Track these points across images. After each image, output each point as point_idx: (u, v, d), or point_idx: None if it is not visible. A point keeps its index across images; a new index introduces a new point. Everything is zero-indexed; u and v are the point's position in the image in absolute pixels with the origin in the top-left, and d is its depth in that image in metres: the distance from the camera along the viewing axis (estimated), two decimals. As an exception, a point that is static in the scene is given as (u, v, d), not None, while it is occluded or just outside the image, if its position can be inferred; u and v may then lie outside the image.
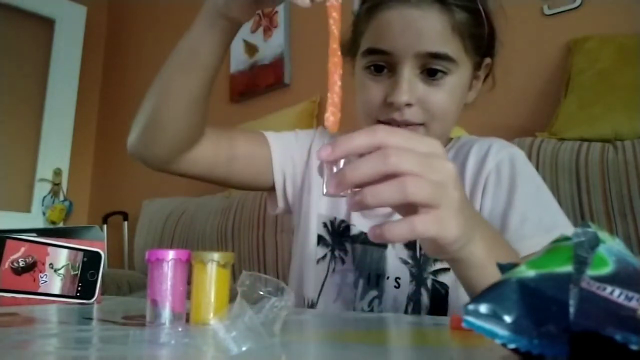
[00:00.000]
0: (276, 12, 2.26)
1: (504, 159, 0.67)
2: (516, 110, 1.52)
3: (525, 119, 1.51)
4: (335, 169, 0.39)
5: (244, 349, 0.27)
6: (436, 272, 0.65)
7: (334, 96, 0.41)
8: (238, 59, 2.39)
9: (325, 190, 0.39)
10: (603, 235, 0.24)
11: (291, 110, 1.93)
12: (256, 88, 2.31)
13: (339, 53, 0.42)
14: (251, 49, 2.35)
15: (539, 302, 0.22)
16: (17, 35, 2.95)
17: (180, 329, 0.39)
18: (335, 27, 0.43)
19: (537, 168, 1.19)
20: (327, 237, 0.74)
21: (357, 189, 0.37)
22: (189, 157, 0.67)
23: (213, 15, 0.56)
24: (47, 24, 3.07)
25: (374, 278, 0.68)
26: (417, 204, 0.37)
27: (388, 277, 0.67)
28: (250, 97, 2.35)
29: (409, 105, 0.62)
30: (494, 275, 0.44)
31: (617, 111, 1.21)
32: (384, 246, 0.69)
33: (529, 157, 1.20)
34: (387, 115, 0.63)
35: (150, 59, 2.86)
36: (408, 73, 0.62)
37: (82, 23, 3.16)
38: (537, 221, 0.62)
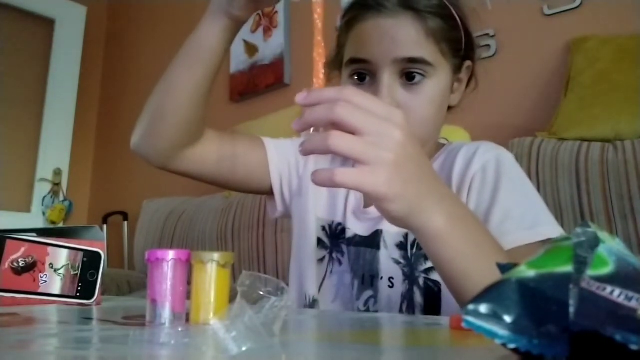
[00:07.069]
0: (276, 12, 2.26)
1: (490, 160, 0.68)
2: (516, 110, 1.52)
3: (525, 119, 1.51)
4: None
5: (244, 349, 0.27)
6: (428, 271, 0.66)
7: (319, 82, 0.46)
8: (238, 59, 2.39)
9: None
10: (603, 235, 0.24)
11: (291, 110, 1.93)
12: (256, 88, 2.31)
13: (323, 45, 0.47)
14: (251, 49, 2.35)
15: (539, 302, 0.22)
16: (17, 35, 2.95)
17: (180, 329, 0.39)
18: (320, 21, 0.48)
19: (537, 168, 1.19)
20: (326, 240, 0.75)
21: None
22: (189, 155, 0.69)
23: (216, 13, 0.61)
24: (47, 24, 3.07)
25: (369, 279, 0.69)
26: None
27: (382, 278, 0.68)
28: (250, 97, 2.35)
29: None
30: (459, 250, 0.46)
31: (617, 111, 1.21)
32: (376, 248, 0.70)
33: (529, 157, 1.21)
34: None
35: (150, 58, 2.86)
36: (387, 79, 0.64)
37: (82, 23, 3.16)
38: (520, 218, 0.62)
